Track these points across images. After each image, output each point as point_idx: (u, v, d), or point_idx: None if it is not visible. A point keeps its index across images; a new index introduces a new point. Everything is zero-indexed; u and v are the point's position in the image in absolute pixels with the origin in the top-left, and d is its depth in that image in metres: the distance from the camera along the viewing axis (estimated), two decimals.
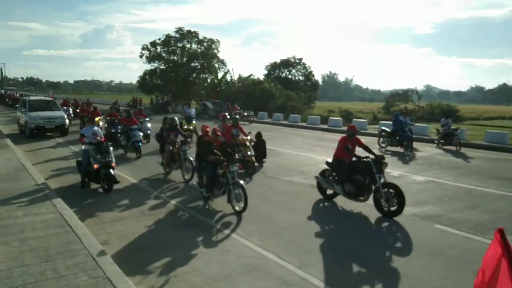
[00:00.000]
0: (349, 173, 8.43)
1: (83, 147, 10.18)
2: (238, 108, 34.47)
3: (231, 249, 6.36)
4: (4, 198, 8.47)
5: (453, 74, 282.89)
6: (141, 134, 15.34)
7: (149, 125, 18.33)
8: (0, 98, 57.33)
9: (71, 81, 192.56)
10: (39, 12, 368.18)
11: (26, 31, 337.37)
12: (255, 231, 7.17)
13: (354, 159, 8.65)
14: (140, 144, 14.69)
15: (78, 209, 8.27)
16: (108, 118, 17.68)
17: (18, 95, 40.12)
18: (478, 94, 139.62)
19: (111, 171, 9.73)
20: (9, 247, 5.88)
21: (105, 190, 9.65)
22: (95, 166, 9.65)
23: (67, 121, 21.01)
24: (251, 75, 49.27)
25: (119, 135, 15.68)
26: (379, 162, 8.12)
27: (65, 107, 27.44)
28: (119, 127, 16.07)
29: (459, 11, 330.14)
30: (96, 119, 16.53)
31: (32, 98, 24.19)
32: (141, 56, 52.92)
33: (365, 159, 8.29)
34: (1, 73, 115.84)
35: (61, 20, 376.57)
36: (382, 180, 8.03)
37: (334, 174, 8.92)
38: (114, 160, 9.99)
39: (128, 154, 15.06)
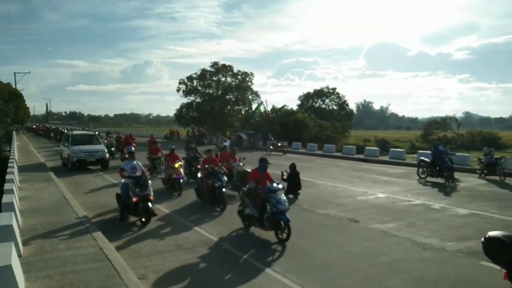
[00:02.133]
0: None
1: (122, 180, 10.46)
2: (272, 138, 34.65)
3: (267, 285, 6.25)
4: (47, 231, 8.76)
5: (494, 100, 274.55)
6: (284, 198, 8.61)
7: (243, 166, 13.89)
8: (47, 131, 60.19)
9: (111, 114, 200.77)
10: (83, 50, 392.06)
11: (70, 68, 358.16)
12: (291, 267, 7.04)
13: None
14: (287, 217, 8.29)
15: (117, 242, 8.43)
16: (206, 166, 12.02)
17: (64, 130, 41.77)
18: None
19: (149, 204, 9.93)
20: (51, 280, 6.03)
21: (143, 223, 9.81)
22: (134, 199, 9.88)
23: (107, 154, 21.68)
24: (284, 105, 49.74)
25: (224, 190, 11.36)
26: None
27: (128, 146, 22.04)
28: (224, 179, 11.77)
29: (496, 37, 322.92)
30: (176, 165, 13.85)
31: (75, 132, 25.24)
32: (178, 90, 54.88)
33: None
34: (47, 108, 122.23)
35: (103, 57, 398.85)
36: None
37: None
38: (152, 193, 10.20)
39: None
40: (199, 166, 15.57)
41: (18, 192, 12.70)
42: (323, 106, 57.97)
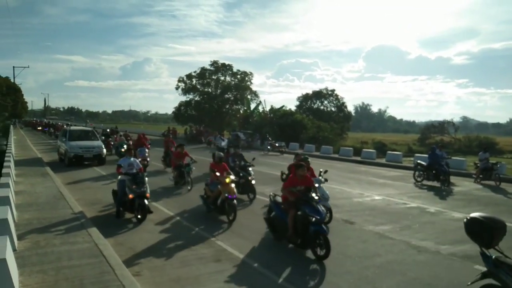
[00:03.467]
0: None
1: (119, 177, 10.46)
2: (270, 138, 34.68)
3: (261, 287, 6.27)
4: (43, 226, 8.74)
5: (491, 105, 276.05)
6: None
7: (322, 185, 10.76)
8: (46, 126, 59.70)
9: (109, 111, 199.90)
10: (82, 46, 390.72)
11: (69, 63, 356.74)
12: (286, 268, 7.05)
13: None
14: None
15: (112, 238, 8.42)
16: (297, 189, 7.84)
17: (65, 125, 41.07)
18: None
19: (145, 201, 9.93)
20: (45, 275, 6.03)
21: (138, 220, 9.81)
22: (130, 196, 9.88)
23: (104, 150, 21.61)
24: (283, 106, 49.74)
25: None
26: None
27: (141, 148, 19.41)
28: (322, 209, 7.76)
29: (495, 42, 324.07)
30: (227, 180, 10.15)
31: (72, 128, 25.11)
32: (177, 88, 54.88)
33: None
34: (45, 103, 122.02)
35: (103, 53, 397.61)
36: None
37: None
38: (148, 190, 10.20)
39: None
40: (250, 178, 12.93)
41: (14, 186, 12.67)
42: (322, 107, 57.94)
